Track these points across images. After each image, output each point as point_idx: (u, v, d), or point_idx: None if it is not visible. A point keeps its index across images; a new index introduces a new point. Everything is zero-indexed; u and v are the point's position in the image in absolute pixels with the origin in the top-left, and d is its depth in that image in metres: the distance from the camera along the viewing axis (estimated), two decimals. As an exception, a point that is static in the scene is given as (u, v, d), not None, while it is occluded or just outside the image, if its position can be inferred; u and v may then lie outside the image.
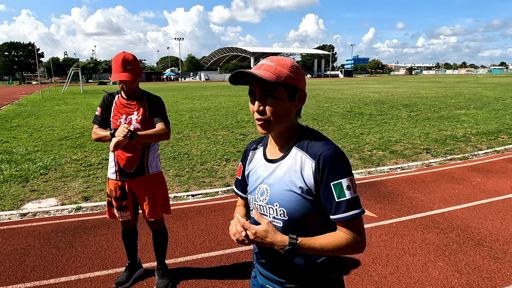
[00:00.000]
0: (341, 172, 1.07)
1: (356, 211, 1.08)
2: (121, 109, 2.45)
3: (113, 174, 2.52)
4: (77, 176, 5.64)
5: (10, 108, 17.51)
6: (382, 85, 35.43)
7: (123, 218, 2.60)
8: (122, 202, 2.53)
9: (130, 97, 2.48)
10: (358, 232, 1.11)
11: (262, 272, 1.28)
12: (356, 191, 1.10)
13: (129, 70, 2.33)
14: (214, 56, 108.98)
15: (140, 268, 2.88)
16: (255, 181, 1.23)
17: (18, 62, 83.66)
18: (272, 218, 1.16)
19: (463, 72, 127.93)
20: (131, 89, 2.42)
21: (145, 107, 2.45)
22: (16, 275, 2.87)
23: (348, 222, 1.09)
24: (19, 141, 8.65)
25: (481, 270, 2.84)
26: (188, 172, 5.81)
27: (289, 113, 1.13)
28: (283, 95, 1.09)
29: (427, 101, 17.25)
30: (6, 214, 4.16)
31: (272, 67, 1.09)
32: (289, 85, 1.09)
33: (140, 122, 2.42)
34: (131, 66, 2.34)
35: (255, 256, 1.31)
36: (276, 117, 1.10)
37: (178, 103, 18.27)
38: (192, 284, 2.74)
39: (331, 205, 1.09)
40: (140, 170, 2.48)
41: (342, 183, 1.07)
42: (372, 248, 3.23)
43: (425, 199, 4.43)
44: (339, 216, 1.09)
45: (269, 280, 1.25)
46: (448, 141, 7.84)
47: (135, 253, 2.82)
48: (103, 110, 2.49)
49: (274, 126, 1.12)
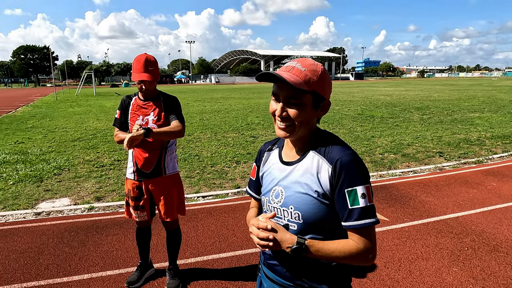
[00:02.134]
0: (357, 179, 1.06)
1: (368, 220, 1.06)
2: (138, 111, 2.50)
3: (131, 174, 2.56)
4: (89, 176, 5.72)
5: (25, 110, 17.90)
6: (393, 88, 35.06)
7: (140, 218, 2.63)
8: (139, 202, 2.57)
9: (146, 98, 2.51)
10: (370, 242, 1.07)
11: (269, 275, 1.26)
12: (372, 200, 1.08)
13: (150, 71, 2.38)
14: (225, 59, 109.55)
15: (151, 268, 2.91)
16: (270, 183, 1.22)
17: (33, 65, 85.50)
18: (286, 221, 1.15)
19: (476, 75, 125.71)
20: (149, 90, 2.46)
21: (161, 107, 2.49)
22: (30, 272, 2.92)
23: (359, 231, 1.07)
24: (34, 142, 8.82)
25: (497, 277, 2.77)
26: (199, 173, 5.83)
27: (311, 120, 1.13)
28: (308, 103, 1.09)
29: (440, 104, 17.00)
30: (21, 213, 4.24)
31: (303, 73, 1.07)
32: (315, 93, 1.08)
33: (156, 122, 2.46)
34: (152, 68, 2.39)
35: (262, 257, 1.29)
36: (298, 124, 1.10)
37: (189, 105, 18.40)
38: (202, 285, 2.75)
39: (344, 211, 1.07)
40: (157, 171, 2.51)
41: (357, 190, 1.05)
42: (384, 252, 3.19)
43: (438, 203, 4.36)
44: (350, 224, 1.07)
45: (276, 284, 1.23)
46: (462, 145, 7.70)
47: (147, 253, 2.84)
48: (122, 112, 2.55)
49: (295, 132, 1.11)
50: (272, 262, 1.22)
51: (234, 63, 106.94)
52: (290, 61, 1.13)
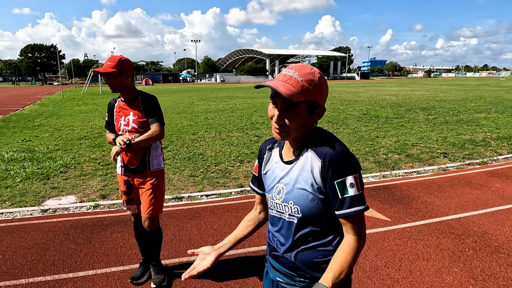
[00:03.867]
0: (345, 170, 1.12)
1: (359, 208, 1.13)
2: (120, 112, 2.63)
3: (119, 168, 2.71)
4: (95, 174, 5.80)
5: (32, 108, 18.12)
6: (399, 88, 34.87)
7: (131, 211, 2.82)
8: (129, 195, 2.73)
9: (126, 98, 2.62)
10: (360, 227, 1.16)
11: (274, 265, 1.33)
12: (360, 189, 1.13)
13: (109, 65, 2.47)
14: (230, 58, 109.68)
15: None
16: (272, 181, 1.29)
17: (40, 63, 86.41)
18: (287, 215, 1.23)
19: (484, 75, 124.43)
20: (111, 85, 2.52)
21: (139, 107, 2.57)
22: (37, 268, 2.99)
23: (351, 218, 1.14)
24: (41, 140, 8.95)
25: (497, 278, 2.78)
26: (203, 172, 5.89)
27: (306, 125, 1.18)
28: (304, 111, 1.13)
29: (446, 104, 16.89)
30: (28, 210, 4.33)
31: (299, 84, 1.10)
32: (311, 102, 1.13)
33: (136, 122, 2.56)
34: (111, 63, 2.47)
35: (268, 248, 1.37)
36: (294, 129, 1.15)
37: (194, 105, 18.48)
38: (205, 283, 2.79)
39: (336, 201, 1.14)
40: (142, 167, 2.62)
41: (346, 181, 1.12)
42: (385, 251, 3.21)
43: (441, 204, 4.36)
44: (342, 212, 1.14)
45: (280, 273, 1.30)
46: (467, 146, 7.66)
47: (146, 248, 2.91)
48: (109, 115, 2.70)
49: (291, 136, 1.18)
50: (276, 254, 1.30)
51: (239, 62, 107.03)
52: (288, 68, 1.17)
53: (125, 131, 2.58)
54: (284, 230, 1.26)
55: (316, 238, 1.21)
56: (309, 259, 1.22)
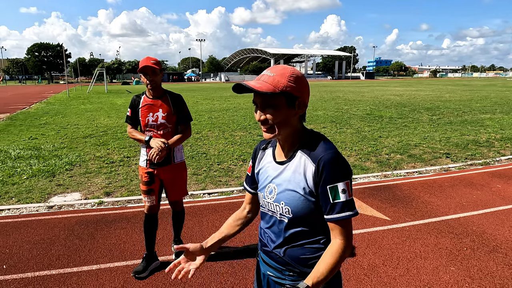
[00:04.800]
0: (338, 176, 1.15)
1: (348, 213, 1.16)
2: (147, 108, 2.79)
3: (143, 162, 2.89)
4: (100, 172, 5.89)
5: (39, 107, 18.33)
6: (404, 88, 34.71)
7: (149, 202, 2.91)
8: (150, 186, 2.87)
9: (154, 96, 2.80)
10: (348, 232, 1.19)
11: (265, 259, 1.38)
12: (351, 195, 1.17)
13: (152, 63, 2.67)
14: (235, 57, 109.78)
15: (156, 261, 3.03)
16: (264, 180, 1.33)
17: (47, 62, 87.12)
18: (279, 214, 1.27)
19: (491, 75, 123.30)
20: (154, 82, 2.72)
21: (169, 104, 2.80)
22: (42, 262, 3.07)
23: (340, 222, 1.17)
24: (47, 138, 9.08)
25: (494, 276, 2.81)
26: (205, 171, 5.95)
27: (290, 119, 1.20)
28: (282, 104, 1.16)
29: (451, 104, 16.82)
30: (34, 206, 4.42)
31: (271, 78, 1.16)
32: (287, 93, 1.16)
33: (165, 118, 2.77)
34: (154, 61, 2.68)
35: (259, 244, 1.41)
36: (277, 124, 1.18)
37: (198, 104, 18.58)
38: (205, 277, 2.85)
39: (326, 206, 1.17)
40: (167, 161, 2.84)
41: (338, 187, 1.15)
42: (383, 250, 3.25)
43: (441, 203, 4.38)
44: (332, 216, 1.17)
45: (271, 267, 1.35)
46: (470, 146, 7.65)
47: (152, 243, 3.00)
48: (132, 110, 2.86)
49: (277, 132, 1.20)
50: (267, 249, 1.34)
51: (244, 61, 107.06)
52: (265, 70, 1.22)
53: (153, 127, 2.78)
54: (275, 228, 1.30)
55: (306, 237, 1.25)
56: (298, 255, 1.26)
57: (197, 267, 1.31)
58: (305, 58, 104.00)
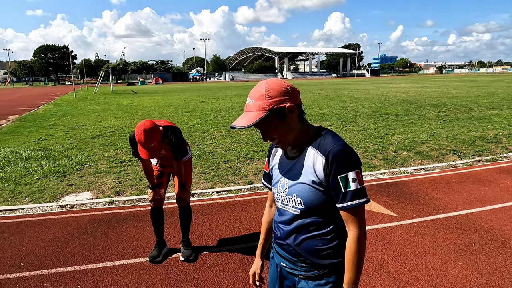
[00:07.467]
0: (348, 166, 1.22)
1: (360, 200, 1.23)
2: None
3: (154, 161, 3.18)
4: (109, 172, 5.99)
5: (47, 108, 18.55)
6: (410, 85, 34.50)
7: (158, 195, 3.12)
8: (160, 179, 3.14)
9: None
10: (361, 219, 1.26)
11: (278, 251, 1.45)
12: (362, 183, 1.23)
13: (148, 148, 2.65)
14: (239, 56, 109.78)
15: (166, 246, 3.28)
16: (277, 175, 1.41)
17: (53, 64, 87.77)
18: (292, 207, 1.34)
19: (498, 70, 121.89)
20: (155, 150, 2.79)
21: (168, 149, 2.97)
22: (58, 259, 3.16)
23: (352, 210, 1.24)
24: (56, 138, 9.22)
25: (502, 271, 2.84)
26: (213, 170, 6.02)
27: (289, 127, 1.27)
28: (274, 120, 1.24)
29: (457, 101, 16.71)
30: (47, 206, 4.52)
31: (253, 105, 1.23)
32: (273, 110, 1.21)
33: (167, 154, 3.05)
34: (147, 139, 2.59)
35: (273, 236, 1.49)
36: (281, 136, 1.28)
37: (204, 103, 18.67)
38: (216, 273, 2.91)
39: (338, 195, 1.24)
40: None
41: (348, 176, 1.21)
42: (391, 246, 3.28)
43: (448, 200, 4.40)
44: (344, 205, 1.24)
45: (284, 259, 1.42)
46: (477, 142, 7.63)
47: (162, 230, 3.23)
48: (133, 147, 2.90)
49: (286, 142, 1.30)
50: (281, 241, 1.41)
51: (248, 60, 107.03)
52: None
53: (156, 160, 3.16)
54: (288, 220, 1.37)
55: (318, 228, 1.32)
56: (310, 247, 1.33)
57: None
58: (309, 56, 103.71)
